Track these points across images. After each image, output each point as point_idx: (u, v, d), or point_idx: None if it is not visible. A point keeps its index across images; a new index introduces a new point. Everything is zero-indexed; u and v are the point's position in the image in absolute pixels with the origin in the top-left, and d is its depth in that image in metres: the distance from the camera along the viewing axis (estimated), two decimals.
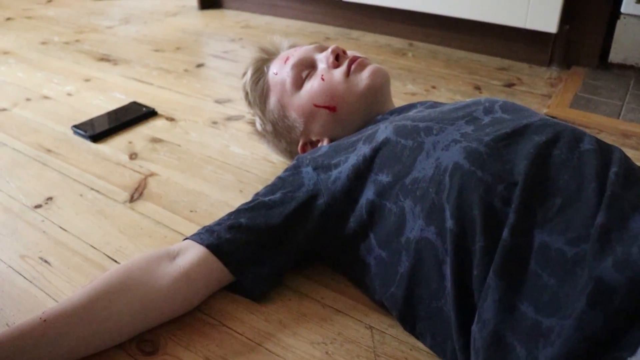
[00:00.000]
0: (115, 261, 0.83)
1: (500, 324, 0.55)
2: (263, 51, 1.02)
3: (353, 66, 0.89)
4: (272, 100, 0.96)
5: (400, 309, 0.68)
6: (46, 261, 0.83)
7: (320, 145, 0.93)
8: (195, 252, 0.73)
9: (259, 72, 0.99)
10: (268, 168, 1.07)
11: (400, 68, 1.58)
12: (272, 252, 0.75)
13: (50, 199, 0.99)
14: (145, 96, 1.41)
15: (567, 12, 1.51)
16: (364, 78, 0.88)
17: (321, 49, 0.96)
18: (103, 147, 1.16)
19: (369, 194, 0.72)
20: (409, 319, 0.68)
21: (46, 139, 1.20)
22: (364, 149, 0.75)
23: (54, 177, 1.05)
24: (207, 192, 0.99)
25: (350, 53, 0.95)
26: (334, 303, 0.75)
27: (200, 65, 1.64)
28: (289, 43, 1.03)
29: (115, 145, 1.17)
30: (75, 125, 1.23)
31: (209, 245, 0.73)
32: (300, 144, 0.96)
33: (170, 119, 1.28)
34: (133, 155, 1.12)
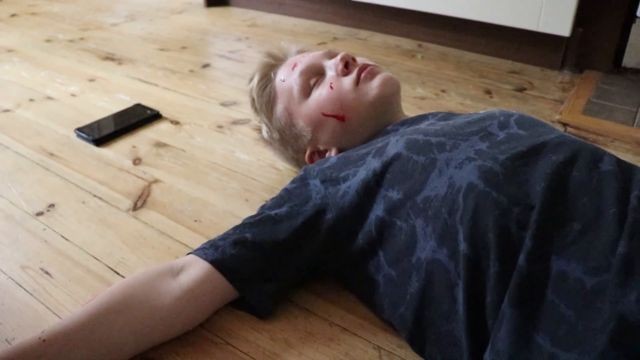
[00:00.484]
0: (118, 273, 0.81)
1: (515, 356, 0.52)
2: (270, 56, 0.99)
3: (363, 74, 0.86)
4: (279, 108, 0.94)
5: (410, 330, 0.66)
6: (47, 272, 0.82)
7: (328, 154, 0.91)
8: (199, 269, 0.71)
9: (266, 79, 0.96)
10: (274, 175, 1.04)
11: (409, 70, 1.55)
12: (278, 268, 0.73)
13: (52, 206, 0.97)
14: (150, 98, 1.39)
15: (581, 15, 1.48)
16: (374, 87, 0.86)
17: (330, 55, 0.93)
18: (106, 152, 1.14)
19: (378, 210, 0.70)
20: (418, 340, 0.66)
21: (49, 143, 1.18)
22: (373, 163, 0.72)
23: (56, 183, 1.03)
24: (212, 201, 0.97)
25: (360, 60, 0.93)
26: (341, 321, 0.73)
27: (205, 65, 1.62)
28: (297, 48, 1.01)
29: (119, 150, 1.15)
30: (79, 129, 1.21)
31: (213, 262, 0.71)
32: (307, 152, 0.94)
33: (175, 123, 1.26)
34: (137, 161, 1.10)
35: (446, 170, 0.65)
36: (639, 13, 1.43)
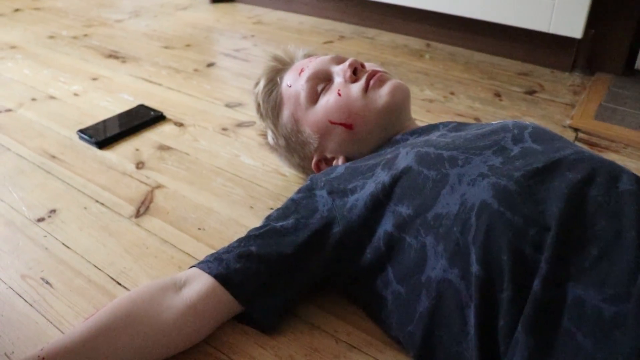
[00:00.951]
0: (119, 284, 0.80)
1: None
2: (276, 60, 0.97)
3: (372, 81, 0.84)
4: (285, 114, 0.92)
5: (418, 349, 0.64)
6: (48, 282, 0.80)
7: (335, 162, 0.89)
8: (202, 283, 0.69)
9: (272, 83, 0.94)
10: (279, 182, 1.02)
11: (417, 71, 1.52)
12: (284, 283, 0.72)
13: (54, 211, 0.95)
14: (154, 98, 1.37)
15: (593, 16, 1.45)
16: (383, 95, 0.83)
17: (338, 60, 0.91)
18: (109, 155, 1.12)
19: (387, 225, 0.68)
20: None
21: (51, 144, 1.16)
22: (382, 176, 0.70)
23: (57, 187, 1.02)
24: (216, 208, 0.95)
25: (369, 65, 0.91)
26: (348, 337, 0.71)
27: (210, 64, 1.60)
28: (304, 52, 0.98)
29: (122, 153, 1.13)
30: (81, 130, 1.19)
31: (217, 276, 0.69)
32: (314, 160, 0.92)
33: (179, 124, 1.24)
34: (140, 164, 1.09)
35: (458, 186, 0.63)
36: None
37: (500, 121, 0.77)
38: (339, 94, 0.85)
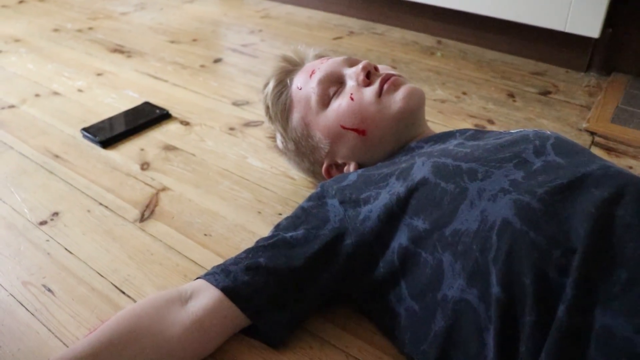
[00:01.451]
0: (123, 292, 0.77)
1: None
2: (286, 61, 0.94)
3: (386, 86, 0.81)
4: (295, 117, 0.89)
5: None
6: (50, 290, 0.78)
7: (346, 169, 0.86)
8: (209, 296, 0.66)
9: (282, 85, 0.91)
10: (288, 185, 1.00)
11: (428, 70, 1.49)
12: (293, 296, 0.69)
13: (56, 214, 0.93)
14: (159, 95, 1.34)
15: (611, 15, 1.40)
16: (397, 100, 0.80)
17: (350, 62, 0.88)
18: (113, 154, 1.10)
19: (402, 238, 0.65)
20: None
21: (54, 143, 1.14)
22: (397, 187, 0.67)
23: (60, 189, 0.99)
24: (223, 213, 0.93)
25: (382, 68, 0.87)
26: (359, 353, 0.69)
27: (217, 60, 1.56)
28: (315, 53, 0.95)
29: (126, 153, 1.10)
30: (85, 129, 1.16)
31: (224, 289, 0.66)
32: (324, 165, 0.89)
33: (185, 123, 1.21)
34: (145, 165, 1.06)
35: (478, 202, 0.60)
36: None
37: (520, 130, 0.74)
38: (352, 98, 0.82)
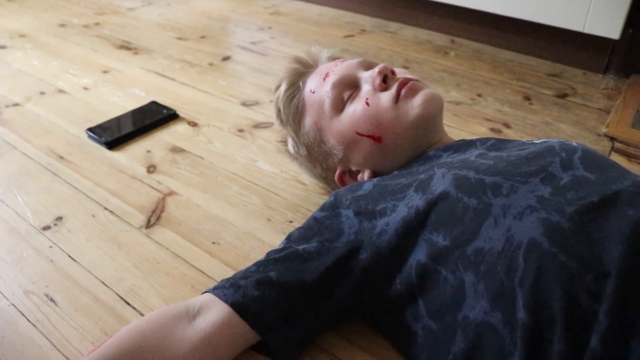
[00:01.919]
0: (128, 304, 0.74)
1: None
2: (299, 62, 0.91)
3: (403, 91, 0.78)
4: (308, 122, 0.85)
5: None
6: (52, 299, 0.75)
7: (360, 176, 0.83)
8: (217, 312, 0.63)
9: (294, 88, 0.88)
10: (299, 191, 0.96)
11: (442, 70, 1.45)
12: (306, 312, 0.66)
13: (60, 219, 0.90)
14: (166, 94, 1.31)
15: (632, 15, 1.36)
16: (415, 106, 0.77)
17: (366, 65, 0.84)
18: (119, 156, 1.07)
19: (420, 254, 0.62)
20: None
21: (59, 144, 1.11)
22: (416, 200, 0.64)
23: (64, 192, 0.96)
24: (232, 219, 0.90)
25: (399, 72, 0.84)
26: None
27: (226, 58, 1.53)
28: (328, 54, 0.92)
29: (132, 155, 1.07)
30: (90, 129, 1.13)
31: (233, 304, 0.63)
32: (337, 172, 0.86)
33: (193, 124, 1.18)
34: (151, 168, 1.03)
35: (503, 219, 0.57)
36: None
37: (544, 140, 0.71)
38: (367, 104, 0.78)
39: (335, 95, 0.81)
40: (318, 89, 0.84)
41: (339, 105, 0.81)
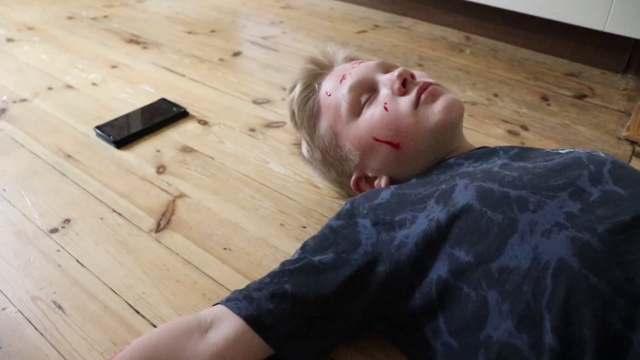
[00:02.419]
0: (138, 312, 0.73)
1: None
2: (314, 63, 0.88)
3: (423, 96, 0.75)
4: (323, 125, 0.83)
5: None
6: (60, 307, 0.73)
7: (377, 182, 0.81)
8: (231, 326, 0.61)
9: (309, 89, 0.85)
10: (312, 194, 0.94)
11: (457, 68, 1.42)
12: (321, 326, 0.64)
13: (68, 221, 0.88)
14: (176, 90, 1.29)
15: None
16: (435, 112, 0.74)
17: (384, 68, 0.82)
18: (128, 155, 1.05)
19: (441, 269, 0.60)
20: None
21: (67, 142, 1.09)
22: (437, 212, 0.62)
23: (72, 193, 0.94)
24: (243, 224, 0.87)
25: (419, 75, 0.81)
26: None
27: (236, 53, 1.50)
28: (344, 55, 0.89)
29: (141, 154, 1.05)
30: (99, 127, 1.11)
31: (247, 318, 0.61)
32: (353, 177, 0.83)
33: (203, 123, 1.16)
34: (161, 169, 1.01)
35: (530, 237, 0.54)
36: None
37: (570, 150, 0.68)
38: (386, 108, 0.76)
39: (353, 99, 0.79)
40: (334, 91, 0.81)
41: (356, 110, 0.79)
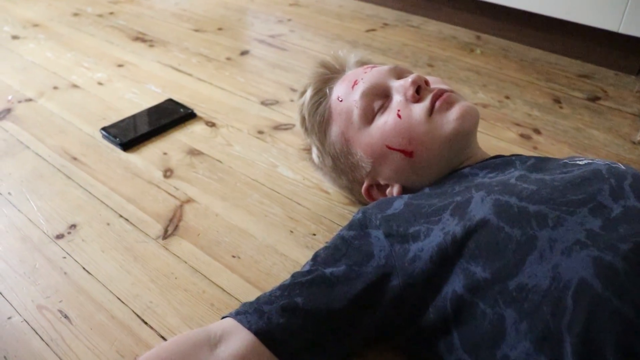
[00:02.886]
0: (145, 322, 0.71)
1: None
2: (325, 67, 0.86)
3: (438, 103, 0.73)
4: (334, 132, 0.81)
5: None
6: (66, 316, 0.72)
7: (389, 191, 0.79)
8: (241, 340, 0.60)
9: (320, 95, 0.83)
10: (322, 200, 0.92)
11: (468, 69, 1.40)
12: (333, 340, 0.62)
13: (74, 226, 0.87)
14: (183, 90, 1.27)
15: None
16: (450, 120, 0.72)
17: (398, 73, 0.80)
18: (134, 158, 1.03)
19: (457, 284, 0.58)
20: None
21: (72, 143, 1.07)
22: (452, 225, 0.60)
23: (78, 197, 0.93)
24: (252, 231, 0.86)
25: (433, 81, 0.79)
26: None
27: (244, 52, 1.48)
28: (356, 58, 0.87)
29: (148, 157, 1.04)
30: (105, 128, 1.10)
31: (258, 332, 0.59)
32: (364, 185, 0.82)
33: (211, 124, 1.14)
34: (168, 172, 0.99)
35: (549, 255, 0.52)
36: None
37: (589, 161, 0.66)
38: (399, 116, 0.74)
39: (365, 105, 0.77)
40: (346, 97, 0.79)
41: (369, 116, 0.77)
